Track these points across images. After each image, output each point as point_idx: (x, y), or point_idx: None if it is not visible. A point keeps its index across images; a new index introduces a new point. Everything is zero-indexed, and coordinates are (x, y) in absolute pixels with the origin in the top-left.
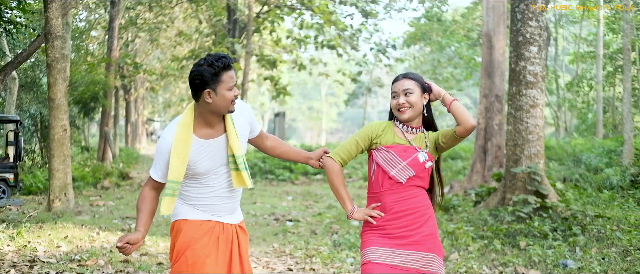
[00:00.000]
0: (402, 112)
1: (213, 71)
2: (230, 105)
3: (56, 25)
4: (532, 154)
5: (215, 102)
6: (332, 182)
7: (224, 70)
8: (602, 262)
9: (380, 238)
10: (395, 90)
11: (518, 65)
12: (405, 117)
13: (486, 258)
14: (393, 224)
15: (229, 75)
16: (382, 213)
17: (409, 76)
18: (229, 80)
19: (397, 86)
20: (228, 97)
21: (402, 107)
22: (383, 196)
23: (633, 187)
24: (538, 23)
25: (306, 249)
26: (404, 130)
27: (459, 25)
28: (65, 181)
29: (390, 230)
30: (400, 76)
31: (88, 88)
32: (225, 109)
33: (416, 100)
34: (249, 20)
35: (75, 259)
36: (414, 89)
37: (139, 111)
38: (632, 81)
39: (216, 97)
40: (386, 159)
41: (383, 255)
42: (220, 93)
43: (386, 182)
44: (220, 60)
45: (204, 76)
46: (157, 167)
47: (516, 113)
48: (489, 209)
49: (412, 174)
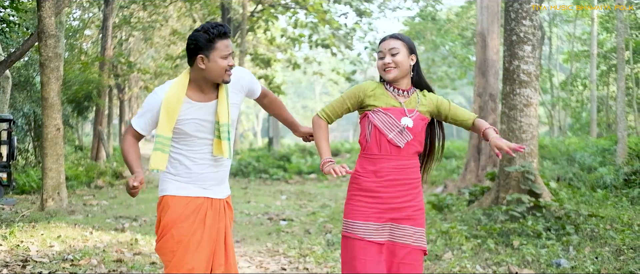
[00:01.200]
0: (388, 71)
1: (207, 37)
2: (224, 74)
3: (49, 24)
4: (526, 153)
5: (208, 68)
6: (316, 136)
7: (218, 37)
8: (595, 261)
9: (371, 205)
10: (382, 50)
11: (512, 64)
12: (390, 77)
13: (480, 257)
14: (388, 192)
15: (223, 43)
16: (377, 178)
17: (396, 36)
18: (223, 48)
19: (383, 46)
20: (221, 65)
21: (388, 67)
22: (381, 160)
23: (626, 187)
24: (532, 22)
25: (300, 249)
26: (395, 93)
27: (453, 24)
28: (58, 181)
29: (385, 199)
30: (387, 36)
31: (82, 87)
32: (219, 78)
33: (402, 59)
34: (243, 19)
35: (68, 259)
36: (400, 48)
37: (133, 110)
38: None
39: (209, 64)
40: (384, 121)
41: (372, 231)
42: (213, 60)
43: (384, 145)
44: (216, 27)
45: (198, 41)
46: (141, 119)
47: (510, 112)
48: (483, 208)
49: (410, 139)
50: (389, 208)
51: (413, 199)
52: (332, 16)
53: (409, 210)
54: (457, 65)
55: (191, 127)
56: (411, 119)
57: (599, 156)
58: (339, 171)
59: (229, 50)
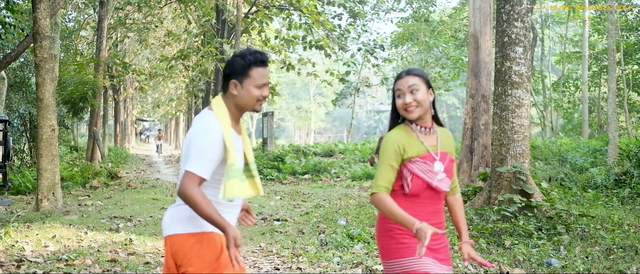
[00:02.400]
0: (410, 112)
1: (243, 63)
2: (255, 103)
3: (44, 26)
4: (518, 154)
5: (240, 95)
6: (391, 211)
7: (254, 64)
8: (585, 260)
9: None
10: (400, 88)
11: (503, 65)
12: (414, 117)
13: None
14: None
15: (259, 72)
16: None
17: (413, 72)
18: (258, 77)
19: (401, 84)
20: (254, 94)
21: (410, 107)
22: (422, 205)
23: (617, 187)
24: (523, 24)
25: (293, 249)
26: (420, 132)
27: (446, 26)
28: (53, 181)
29: (431, 243)
30: (403, 73)
31: (77, 88)
32: (250, 106)
33: (423, 97)
34: (237, 20)
35: (63, 259)
36: (420, 85)
37: (128, 110)
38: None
39: (241, 91)
40: (423, 170)
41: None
42: (246, 87)
43: (425, 192)
44: (254, 54)
45: (234, 65)
46: (206, 163)
47: (502, 113)
48: (475, 208)
49: (449, 182)
50: (434, 249)
51: (445, 241)
52: (326, 18)
53: (444, 252)
54: (450, 66)
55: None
56: (442, 163)
57: (590, 157)
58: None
59: (264, 80)
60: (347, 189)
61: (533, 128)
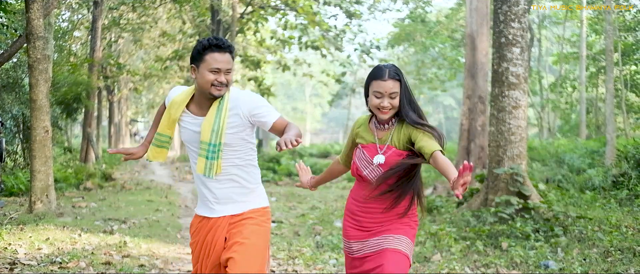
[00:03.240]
0: (385, 113)
1: (199, 48)
2: (210, 87)
3: (38, 26)
4: (515, 155)
5: (197, 79)
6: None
7: (208, 49)
8: (583, 263)
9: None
10: (380, 90)
11: (500, 66)
12: (386, 118)
13: (468, 259)
14: (365, 217)
15: (213, 57)
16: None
17: (395, 77)
18: (212, 61)
19: (383, 86)
20: (207, 78)
21: (384, 110)
22: (359, 188)
23: (615, 188)
24: (520, 24)
25: (289, 251)
26: (376, 126)
27: (442, 26)
28: (46, 183)
29: (362, 222)
30: (384, 75)
31: (71, 89)
32: (206, 90)
33: (398, 102)
34: (232, 20)
35: (56, 262)
36: (398, 89)
37: (123, 111)
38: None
39: (198, 74)
40: (360, 158)
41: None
42: (201, 72)
43: (359, 178)
44: (210, 40)
45: (193, 51)
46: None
47: (498, 114)
48: (472, 210)
49: (380, 173)
50: (367, 229)
51: (389, 220)
52: (322, 18)
53: (385, 225)
54: (447, 67)
55: (185, 136)
56: (384, 155)
57: (587, 158)
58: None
59: (219, 64)
60: (343, 191)
61: (530, 129)
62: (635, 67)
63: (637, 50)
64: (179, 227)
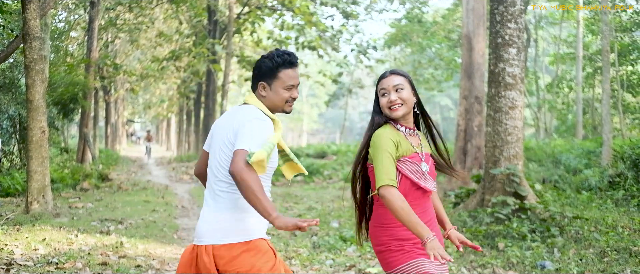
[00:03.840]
0: (395, 110)
1: (271, 65)
2: (284, 105)
3: (34, 26)
4: (511, 156)
5: (269, 97)
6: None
7: (283, 66)
8: (579, 263)
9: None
10: (384, 87)
11: (497, 67)
12: (399, 115)
13: (465, 260)
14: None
15: (288, 73)
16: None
17: (397, 72)
18: (287, 79)
19: (386, 83)
20: (282, 96)
21: (395, 104)
22: (411, 206)
23: (611, 189)
24: (517, 25)
25: (285, 251)
26: (406, 133)
27: (439, 27)
28: (43, 183)
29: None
30: (387, 73)
31: (67, 89)
32: (279, 108)
33: (408, 96)
34: (229, 21)
35: (53, 262)
36: (405, 84)
37: (119, 112)
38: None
39: (270, 93)
40: (413, 171)
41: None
42: (275, 89)
43: (413, 193)
44: (282, 55)
45: (261, 67)
46: (257, 145)
47: (495, 115)
48: (468, 210)
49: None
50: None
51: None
52: (319, 18)
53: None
54: (444, 67)
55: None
56: (427, 164)
57: (584, 158)
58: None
59: (294, 81)
60: (339, 191)
61: (527, 129)
62: (632, 68)
63: (634, 50)
64: (176, 227)
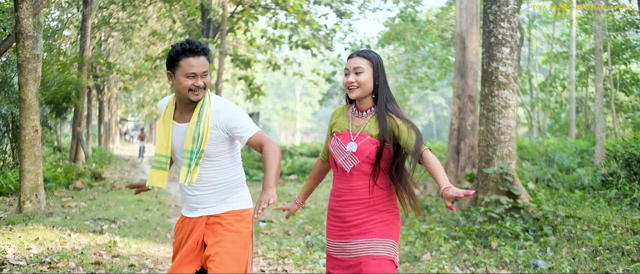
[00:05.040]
0: (351, 91)
1: (173, 54)
2: (187, 93)
3: (27, 25)
4: (504, 155)
5: (174, 85)
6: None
7: (182, 55)
8: (572, 262)
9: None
10: (347, 67)
11: (490, 66)
12: (353, 96)
13: (458, 259)
14: (345, 212)
15: (187, 62)
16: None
17: (362, 54)
18: (186, 66)
19: (349, 63)
20: (183, 84)
21: (351, 86)
22: (338, 180)
23: (604, 188)
24: (510, 24)
25: (279, 250)
26: (354, 113)
27: (433, 26)
28: (36, 182)
29: (344, 218)
30: (354, 53)
31: (60, 88)
32: (183, 96)
33: (366, 79)
34: (222, 20)
35: (46, 262)
36: (365, 67)
37: (112, 111)
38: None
39: (174, 81)
40: (335, 147)
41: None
42: (177, 78)
43: (336, 169)
44: (183, 44)
45: (167, 58)
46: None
47: (488, 114)
48: (462, 209)
49: (357, 163)
50: (349, 225)
51: (372, 216)
52: (312, 17)
53: (367, 224)
54: (437, 66)
55: (174, 145)
56: (356, 143)
57: (577, 157)
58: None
59: (194, 68)
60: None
61: (520, 128)
62: (625, 67)
63: (627, 49)
64: (169, 227)
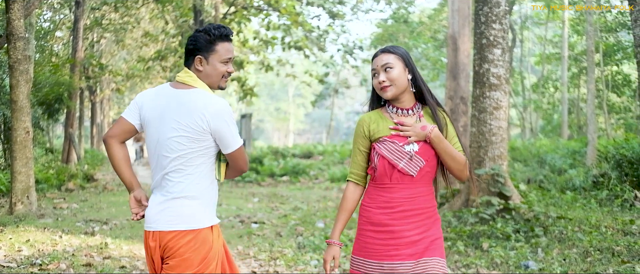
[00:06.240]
0: (384, 90)
1: (208, 38)
2: (220, 80)
3: (18, 27)
4: (496, 156)
5: (206, 71)
6: (340, 205)
7: (219, 39)
8: (563, 263)
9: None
10: (374, 67)
11: (482, 67)
12: (388, 96)
13: (449, 260)
14: (400, 225)
15: (225, 47)
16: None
17: (389, 50)
18: (224, 52)
19: (375, 62)
20: (219, 70)
21: (383, 85)
22: (393, 190)
23: (595, 189)
24: (501, 26)
25: (270, 252)
26: (397, 114)
27: (425, 27)
28: (27, 184)
29: (397, 232)
30: (379, 51)
31: (52, 89)
32: (215, 83)
33: (397, 75)
34: (215, 21)
35: (37, 263)
36: (395, 63)
37: (105, 112)
38: (596, 83)
39: (207, 67)
40: (391, 150)
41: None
42: (212, 63)
43: (395, 175)
44: (219, 28)
45: (198, 41)
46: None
47: (480, 115)
48: (453, 210)
49: (423, 165)
50: (406, 242)
51: (428, 230)
52: (305, 18)
53: (425, 241)
54: (430, 67)
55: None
56: (418, 144)
57: (569, 158)
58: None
59: (230, 54)
60: (325, 191)
61: (513, 129)
62: (617, 68)
63: (619, 50)
64: None
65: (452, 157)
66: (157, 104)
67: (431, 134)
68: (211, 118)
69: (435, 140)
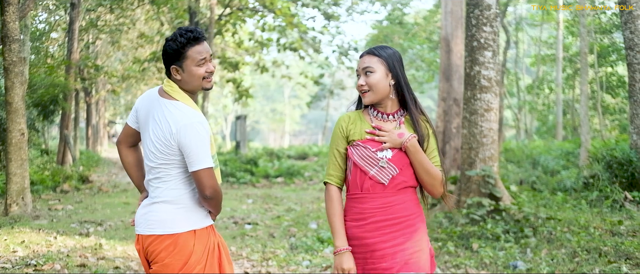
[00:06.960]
0: (363, 95)
1: (176, 47)
2: (202, 82)
3: (13, 29)
4: (487, 157)
5: (184, 79)
6: (328, 212)
7: (188, 44)
8: (550, 263)
9: (358, 255)
10: (357, 68)
11: (473, 69)
12: (367, 101)
13: (439, 260)
14: (373, 237)
15: (195, 50)
16: (361, 219)
17: (373, 52)
18: (196, 55)
19: (358, 64)
20: (197, 73)
21: (362, 90)
22: (364, 200)
23: (586, 190)
24: (492, 28)
25: (263, 252)
26: (378, 118)
27: (420, 28)
28: (22, 185)
29: (370, 245)
30: (364, 52)
31: (48, 91)
32: (198, 87)
33: (377, 81)
34: (210, 22)
35: (31, 264)
36: (376, 67)
37: (100, 113)
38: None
39: (184, 74)
40: (363, 156)
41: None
42: (187, 69)
43: (366, 183)
44: (185, 34)
45: (167, 51)
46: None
47: (471, 117)
48: (445, 211)
49: (396, 173)
50: (381, 255)
51: (407, 241)
52: (300, 20)
53: (404, 253)
54: (425, 68)
55: None
56: (390, 149)
57: (562, 159)
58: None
59: (203, 55)
60: (319, 193)
61: (507, 130)
62: (611, 69)
63: (613, 52)
64: None
65: (427, 170)
66: (147, 110)
67: (408, 142)
68: (177, 132)
69: (411, 149)
